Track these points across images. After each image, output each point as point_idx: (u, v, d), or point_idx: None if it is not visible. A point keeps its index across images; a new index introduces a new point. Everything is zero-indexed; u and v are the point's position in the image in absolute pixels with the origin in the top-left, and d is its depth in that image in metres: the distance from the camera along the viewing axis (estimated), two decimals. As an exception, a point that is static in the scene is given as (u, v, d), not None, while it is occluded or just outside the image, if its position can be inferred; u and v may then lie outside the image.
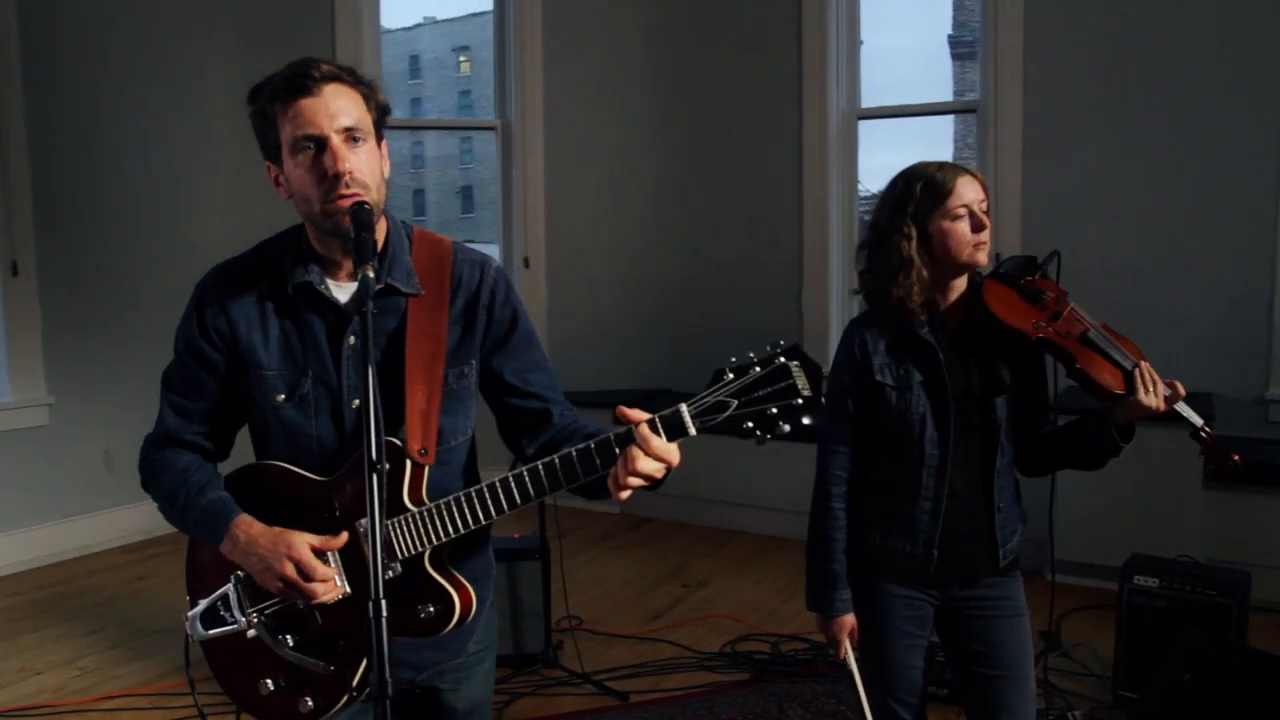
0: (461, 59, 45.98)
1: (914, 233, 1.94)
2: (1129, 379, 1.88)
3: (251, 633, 1.55)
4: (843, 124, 5.53)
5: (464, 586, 1.53)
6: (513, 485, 1.46)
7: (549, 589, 3.68)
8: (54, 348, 4.96)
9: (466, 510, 1.47)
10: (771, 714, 3.23)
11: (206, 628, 1.59)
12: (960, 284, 2.01)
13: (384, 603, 1.25)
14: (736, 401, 1.35)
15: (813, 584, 2.10)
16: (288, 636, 1.56)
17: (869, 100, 5.60)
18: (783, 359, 1.35)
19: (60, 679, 3.60)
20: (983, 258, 1.94)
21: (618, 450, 1.39)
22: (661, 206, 6.02)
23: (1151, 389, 1.85)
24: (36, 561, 4.85)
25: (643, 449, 1.36)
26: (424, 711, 1.71)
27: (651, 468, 1.36)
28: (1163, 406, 1.86)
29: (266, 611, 1.56)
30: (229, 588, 1.58)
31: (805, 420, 1.36)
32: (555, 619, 3.84)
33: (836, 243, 5.53)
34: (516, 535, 3.77)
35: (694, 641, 3.85)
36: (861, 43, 5.85)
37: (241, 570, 1.55)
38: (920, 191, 1.95)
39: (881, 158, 4.68)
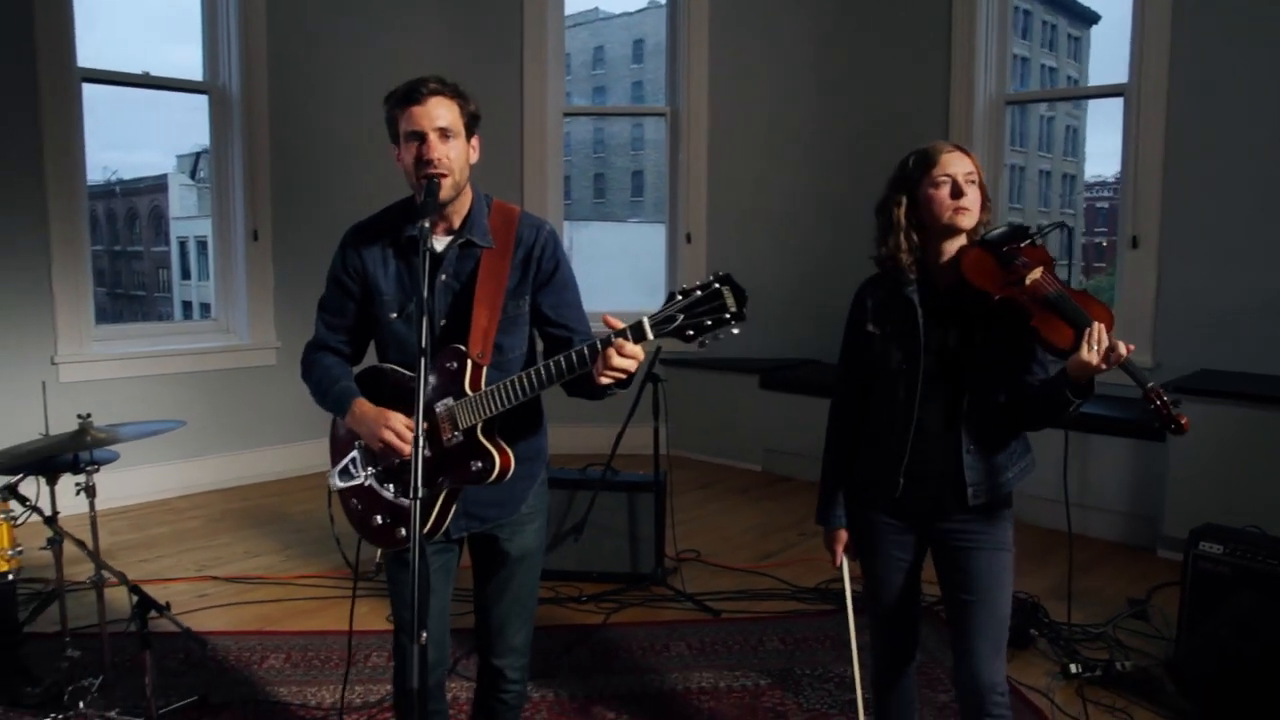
0: (682, 42, 46.58)
1: (904, 200, 2.22)
2: (1078, 336, 1.99)
3: (367, 484, 2.19)
4: (989, 109, 5.71)
5: (505, 451, 2.08)
6: (531, 376, 1.98)
7: (661, 519, 4.22)
8: (283, 300, 5.95)
9: (501, 395, 2.01)
10: (842, 638, 3.63)
11: (341, 482, 2.25)
12: (952, 248, 2.22)
13: (423, 424, 1.83)
14: (683, 316, 1.81)
15: (818, 503, 2.47)
16: (390, 486, 2.17)
17: (1096, 78, 5.72)
18: (717, 284, 1.80)
19: (272, 561, 4.50)
20: (964, 221, 2.15)
21: (600, 349, 1.88)
22: (813, 189, 6.40)
23: (1095, 347, 1.95)
24: (261, 476, 5.89)
25: (616, 350, 1.85)
26: (489, 554, 2.30)
27: (622, 363, 1.86)
28: (1100, 363, 1.96)
29: (377, 469, 2.19)
30: (354, 453, 2.22)
31: (734, 330, 1.81)
32: (677, 551, 4.41)
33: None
34: (640, 473, 4.31)
35: (793, 578, 4.28)
36: (1099, 18, 5.95)
37: (360, 439, 2.18)
38: (912, 163, 2.23)
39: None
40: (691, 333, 1.81)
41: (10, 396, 4.81)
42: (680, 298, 1.82)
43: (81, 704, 2.91)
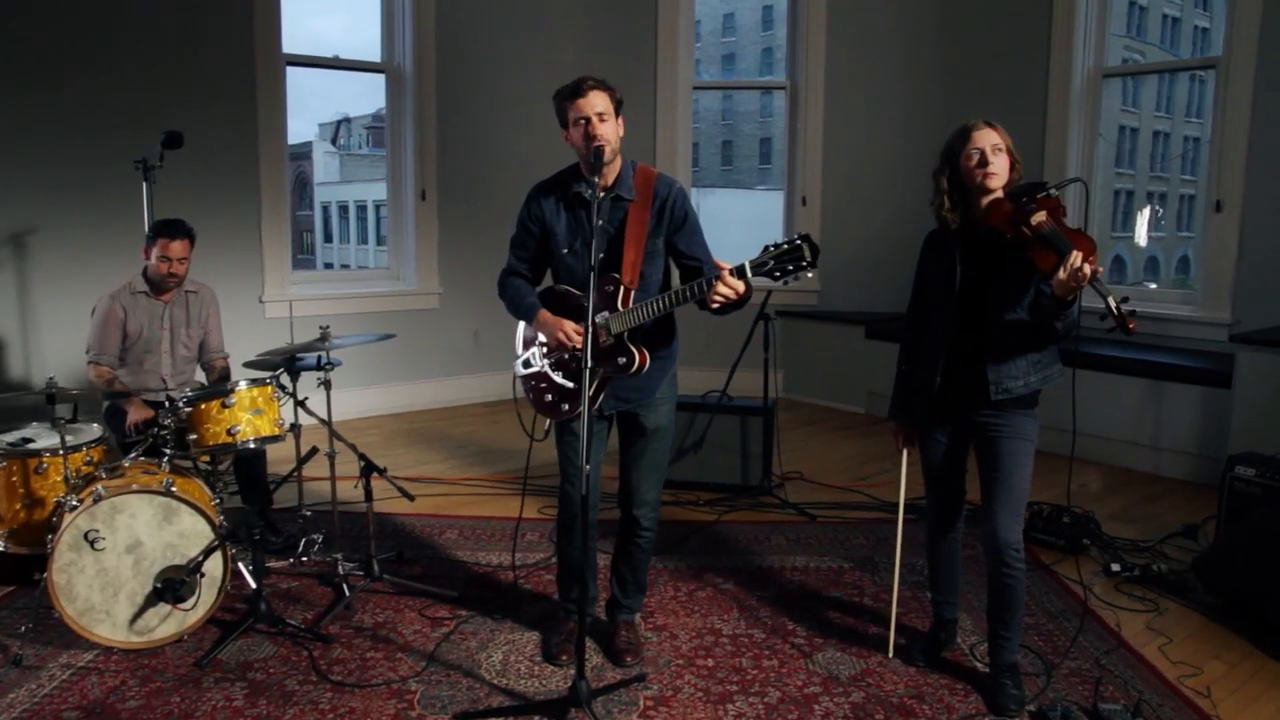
0: (814, 8, 46.14)
1: (947, 168, 2.90)
2: (1059, 261, 2.55)
3: (543, 370, 3.00)
4: (1087, 82, 6.13)
5: (643, 352, 2.86)
6: (663, 300, 2.75)
7: (769, 439, 4.93)
8: (446, 252, 6.88)
9: (643, 312, 2.79)
10: (918, 540, 4.26)
11: (524, 369, 3.06)
12: (987, 201, 2.84)
13: (594, 329, 2.62)
14: (773, 261, 2.55)
15: (890, 403, 3.19)
16: (560, 372, 2.98)
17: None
18: (800, 241, 2.52)
19: (439, 469, 5.42)
20: (991, 183, 2.76)
21: (712, 283, 2.62)
22: (917, 155, 6.88)
23: (1069, 270, 2.50)
24: (423, 405, 6.87)
25: (722, 281, 2.61)
26: (631, 427, 3.08)
27: (725, 291, 2.62)
28: (1071, 282, 2.50)
29: (551, 361, 2.99)
30: (535, 347, 3.03)
31: (809, 274, 2.54)
32: (783, 471, 5.12)
33: (1074, 192, 6.12)
34: (750, 398, 5.03)
35: (884, 495, 4.92)
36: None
37: (540, 339, 2.99)
38: (954, 139, 2.89)
39: None
40: (778, 275, 2.56)
41: (226, 328, 5.82)
42: (772, 249, 2.57)
43: (313, 551, 3.82)
